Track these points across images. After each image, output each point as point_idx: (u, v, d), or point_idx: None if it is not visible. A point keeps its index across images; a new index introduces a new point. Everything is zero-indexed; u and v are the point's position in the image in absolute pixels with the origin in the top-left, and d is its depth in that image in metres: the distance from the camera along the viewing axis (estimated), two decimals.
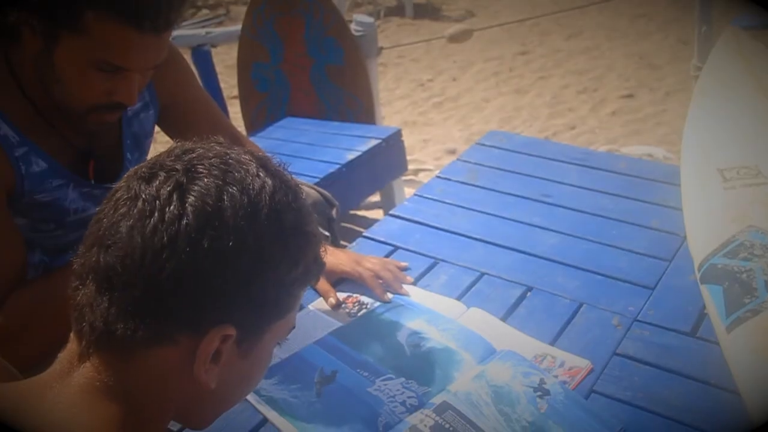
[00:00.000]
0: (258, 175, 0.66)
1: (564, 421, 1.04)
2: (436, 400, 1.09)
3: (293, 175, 0.73)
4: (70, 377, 0.64)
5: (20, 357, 0.85)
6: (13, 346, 1.01)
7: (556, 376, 1.13)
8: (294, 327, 0.74)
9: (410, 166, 2.89)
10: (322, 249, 0.74)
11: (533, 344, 1.21)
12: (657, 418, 1.06)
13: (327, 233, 1.53)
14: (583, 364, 1.16)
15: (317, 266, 0.72)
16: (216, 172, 0.65)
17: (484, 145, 1.97)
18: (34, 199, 1.14)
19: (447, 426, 1.03)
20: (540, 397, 1.08)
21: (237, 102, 3.17)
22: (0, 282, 1.08)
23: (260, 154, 0.72)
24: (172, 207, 0.62)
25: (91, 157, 1.21)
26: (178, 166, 0.65)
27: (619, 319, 1.26)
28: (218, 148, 0.68)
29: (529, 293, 1.35)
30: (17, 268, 1.12)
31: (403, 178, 2.77)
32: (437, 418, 1.05)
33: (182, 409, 0.69)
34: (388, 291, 1.34)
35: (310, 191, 1.57)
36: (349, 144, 2.39)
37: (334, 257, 1.34)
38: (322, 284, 1.33)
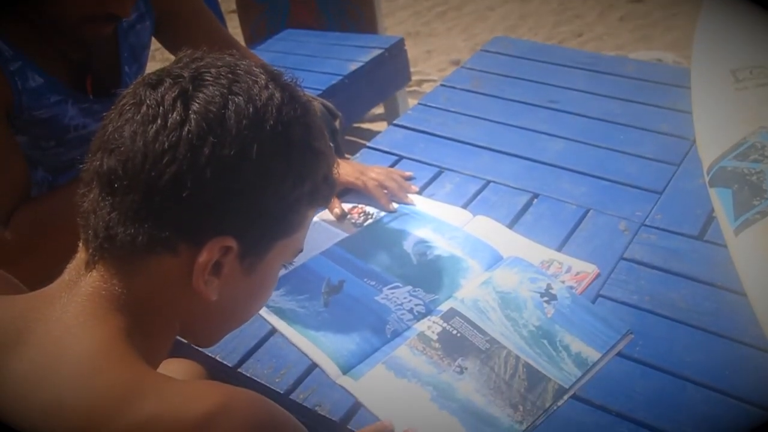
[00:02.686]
0: (267, 87, 0.65)
1: (571, 326, 1.05)
2: (443, 307, 1.10)
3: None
4: (78, 286, 0.64)
5: (29, 272, 0.85)
6: (22, 260, 1.01)
7: (563, 282, 1.13)
8: (302, 250, 0.73)
9: (414, 78, 2.83)
10: (335, 169, 0.72)
11: (540, 250, 1.20)
12: (663, 320, 1.07)
13: (330, 144, 1.51)
14: (590, 269, 1.16)
15: (327, 186, 0.71)
16: (223, 81, 0.63)
17: (488, 51, 1.92)
18: (32, 116, 1.13)
19: (454, 332, 1.04)
20: (547, 302, 1.08)
21: (236, 17, 3.09)
22: (5, 198, 1.08)
23: (271, 67, 0.70)
24: (175, 113, 0.61)
25: (89, 72, 1.19)
26: (185, 74, 0.64)
27: (626, 224, 1.26)
28: (228, 58, 0.67)
29: (535, 200, 1.34)
30: (21, 184, 1.12)
31: (407, 89, 2.72)
32: (444, 325, 1.06)
33: (188, 325, 0.70)
34: (393, 200, 1.34)
35: (313, 103, 1.54)
36: (350, 55, 2.34)
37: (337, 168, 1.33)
38: None
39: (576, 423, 0.93)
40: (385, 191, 1.34)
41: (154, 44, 1.34)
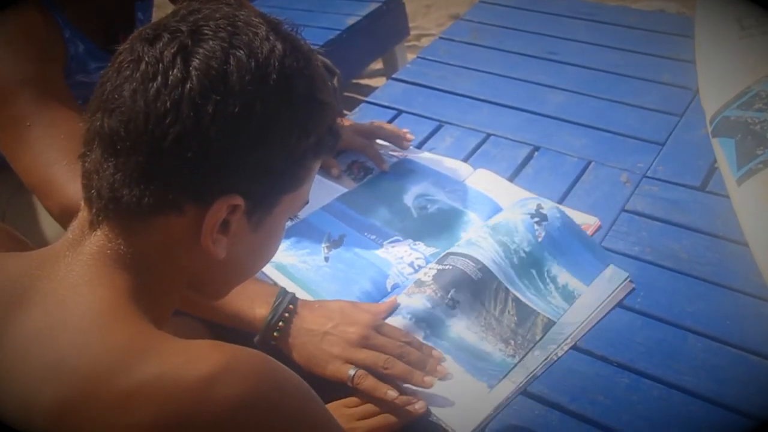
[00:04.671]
0: (267, 39, 0.63)
1: (560, 254, 1.06)
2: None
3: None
4: (82, 245, 0.63)
5: None
6: None
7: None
8: (307, 202, 0.73)
9: (413, 33, 2.79)
10: (339, 119, 0.71)
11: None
12: (664, 271, 1.07)
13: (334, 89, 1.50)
14: (591, 221, 1.15)
15: (332, 137, 0.69)
16: (222, 35, 0.62)
17: (487, 3, 1.88)
18: (75, 80, 1.14)
19: (447, 267, 1.04)
20: (537, 223, 1.09)
21: None
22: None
23: (271, 16, 0.68)
24: (175, 70, 0.59)
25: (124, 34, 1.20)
26: (183, 28, 0.62)
27: (627, 176, 1.25)
28: (226, 9, 0.65)
29: (536, 153, 1.33)
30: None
31: (406, 44, 2.68)
32: (438, 267, 1.05)
33: (195, 281, 0.69)
34: (391, 151, 1.32)
35: (314, 52, 1.52)
36: (347, 8, 2.30)
37: None
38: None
39: (577, 374, 0.93)
40: (381, 149, 1.33)
41: None
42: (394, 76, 1.63)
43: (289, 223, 0.74)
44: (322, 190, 1.25)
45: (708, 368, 0.92)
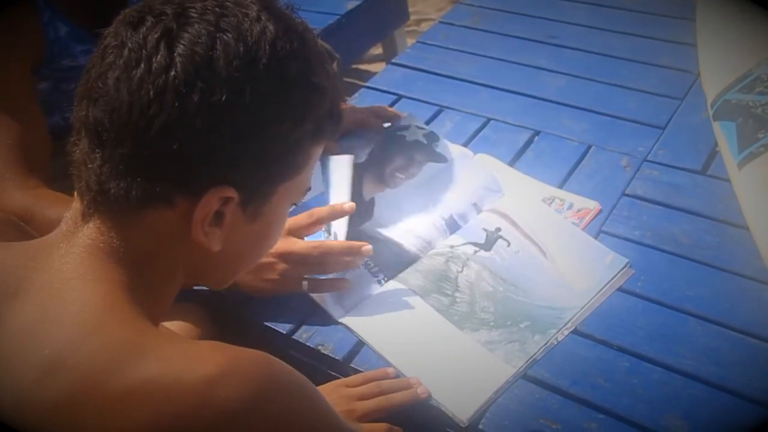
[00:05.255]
0: (258, 19, 0.60)
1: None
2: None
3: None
4: (76, 237, 0.62)
5: None
6: None
7: (566, 218, 1.12)
8: (309, 188, 0.70)
9: (412, 18, 2.77)
10: (342, 102, 0.68)
11: (541, 187, 1.19)
12: (665, 255, 1.07)
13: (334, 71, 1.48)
14: (592, 205, 1.15)
15: (332, 121, 0.66)
16: (209, 17, 0.58)
17: None
18: (60, 65, 1.12)
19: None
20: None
21: None
22: (37, 163, 1.06)
23: None
24: (159, 57, 0.57)
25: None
26: (168, 10, 0.59)
27: (628, 160, 1.24)
28: None
29: (536, 137, 1.32)
30: (47, 148, 1.10)
31: (405, 29, 2.67)
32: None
33: (195, 272, 0.67)
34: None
35: (311, 31, 1.51)
36: None
37: None
38: None
39: (578, 357, 0.93)
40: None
41: None
42: (393, 60, 1.62)
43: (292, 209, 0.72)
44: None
45: (708, 351, 0.92)
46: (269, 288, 0.98)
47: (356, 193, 1.17)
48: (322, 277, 1.00)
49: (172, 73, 0.56)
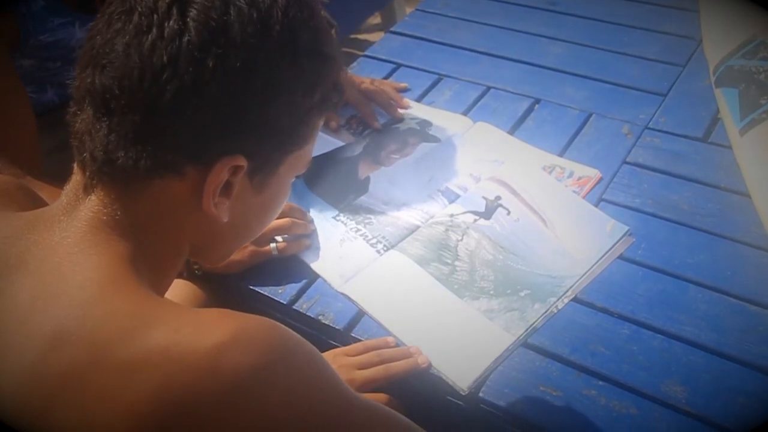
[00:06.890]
0: None
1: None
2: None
3: None
4: (77, 210, 0.61)
5: None
6: None
7: (566, 186, 1.12)
8: (311, 161, 0.70)
9: None
10: (343, 73, 0.67)
11: (542, 156, 1.19)
12: (665, 223, 1.06)
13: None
14: (593, 173, 1.14)
15: (337, 93, 0.66)
16: None
17: None
18: (39, 41, 1.09)
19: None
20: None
21: None
22: (23, 157, 1.05)
23: None
24: (171, 21, 0.55)
25: None
26: None
27: (629, 128, 1.24)
28: None
29: (536, 105, 1.31)
30: (33, 136, 1.09)
31: None
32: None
33: (199, 245, 0.67)
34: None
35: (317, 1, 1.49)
36: None
37: None
38: None
39: (578, 325, 0.93)
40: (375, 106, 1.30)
41: None
42: (392, 29, 1.60)
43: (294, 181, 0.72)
44: (319, 144, 1.24)
45: (708, 318, 0.92)
46: (245, 259, 1.01)
47: (352, 174, 1.17)
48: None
49: (186, 38, 0.55)
